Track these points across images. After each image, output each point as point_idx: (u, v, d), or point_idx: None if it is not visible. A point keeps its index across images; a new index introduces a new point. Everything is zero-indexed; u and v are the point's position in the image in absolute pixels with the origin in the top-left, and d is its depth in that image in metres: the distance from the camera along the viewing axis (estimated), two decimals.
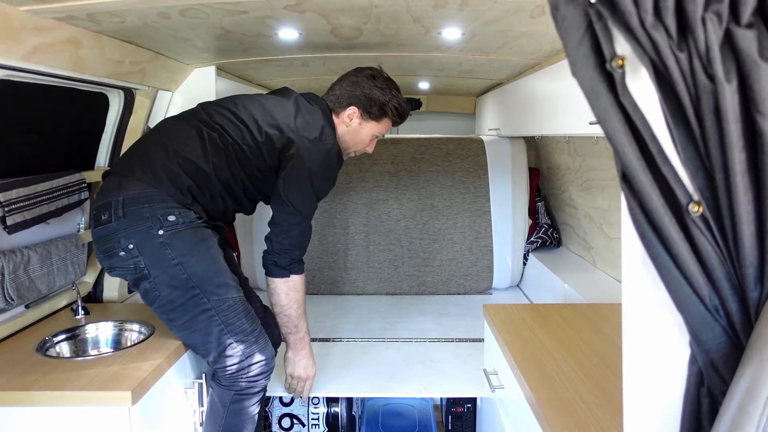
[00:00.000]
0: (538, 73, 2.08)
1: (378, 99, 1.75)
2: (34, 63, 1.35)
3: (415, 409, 2.29)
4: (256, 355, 1.59)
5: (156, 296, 1.52)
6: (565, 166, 2.78)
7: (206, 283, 1.52)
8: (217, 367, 1.59)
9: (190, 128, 1.62)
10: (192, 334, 1.56)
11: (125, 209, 1.49)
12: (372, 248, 2.85)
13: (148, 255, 1.50)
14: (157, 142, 1.62)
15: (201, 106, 1.73)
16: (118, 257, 1.51)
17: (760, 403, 0.55)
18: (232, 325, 1.55)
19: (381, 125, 1.82)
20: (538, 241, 2.96)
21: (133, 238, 1.49)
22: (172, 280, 1.50)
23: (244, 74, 2.53)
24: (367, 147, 1.87)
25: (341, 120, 1.78)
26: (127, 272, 1.53)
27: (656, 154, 0.58)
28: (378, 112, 1.77)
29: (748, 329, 0.61)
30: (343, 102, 1.76)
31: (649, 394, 0.69)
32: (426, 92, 3.50)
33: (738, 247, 0.59)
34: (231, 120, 1.66)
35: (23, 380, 1.37)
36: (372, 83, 1.76)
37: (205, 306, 1.52)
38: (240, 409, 1.61)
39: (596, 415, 1.13)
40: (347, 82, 1.78)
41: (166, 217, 1.50)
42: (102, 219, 1.52)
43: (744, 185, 0.55)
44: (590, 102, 0.59)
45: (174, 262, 1.50)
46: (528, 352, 1.45)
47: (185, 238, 1.52)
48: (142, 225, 1.49)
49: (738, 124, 0.53)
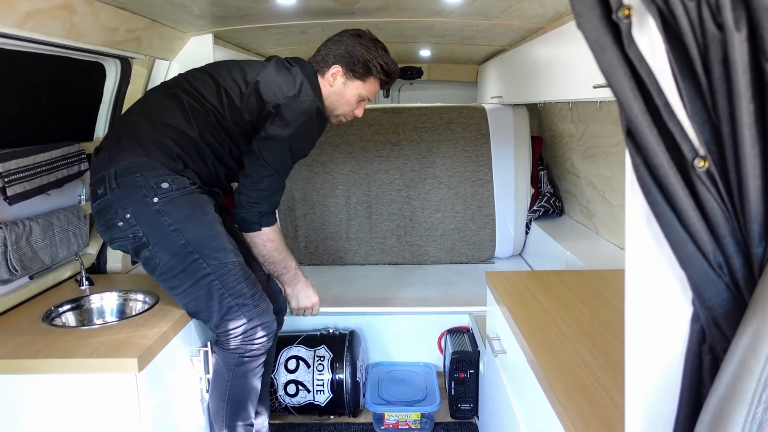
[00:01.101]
0: (541, 38, 2.04)
1: (362, 56, 1.71)
2: (27, 30, 1.32)
3: (419, 375, 2.32)
4: (258, 318, 1.61)
5: (156, 264, 1.54)
6: (568, 133, 2.76)
7: (205, 247, 1.53)
8: (219, 332, 1.62)
9: (171, 97, 1.62)
10: (194, 301, 1.58)
11: (118, 180, 1.51)
12: (374, 218, 2.84)
13: (146, 223, 1.51)
14: (141, 113, 1.63)
15: (181, 74, 1.72)
16: (117, 228, 1.53)
17: (761, 356, 0.55)
18: (233, 289, 1.56)
19: (367, 85, 1.76)
20: (541, 210, 2.95)
21: (129, 208, 1.51)
22: (171, 247, 1.52)
23: (242, 43, 2.49)
24: (356, 110, 1.82)
25: (326, 80, 1.74)
26: (127, 242, 1.55)
27: (662, 108, 0.57)
28: (362, 70, 1.72)
29: (752, 285, 0.61)
30: (328, 61, 1.73)
31: (650, 353, 0.70)
32: (427, 60, 3.44)
33: (743, 202, 0.58)
34: (209, 85, 1.65)
35: (30, 349, 1.38)
36: (356, 41, 1.72)
37: (205, 271, 1.54)
38: (245, 371, 1.64)
39: (598, 377, 1.14)
40: (331, 42, 1.75)
41: (160, 185, 1.51)
42: (98, 193, 1.54)
43: (751, 138, 0.54)
44: (595, 55, 0.57)
45: (171, 228, 1.51)
46: (530, 317, 1.46)
47: (180, 204, 1.52)
48: (136, 194, 1.50)
49: (747, 75, 0.52)
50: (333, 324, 2.33)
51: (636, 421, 0.71)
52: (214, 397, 1.70)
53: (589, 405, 1.04)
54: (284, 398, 2.12)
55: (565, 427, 1.03)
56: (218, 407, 1.69)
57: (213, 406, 1.71)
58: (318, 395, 2.11)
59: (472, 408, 2.11)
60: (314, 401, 2.12)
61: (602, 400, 1.06)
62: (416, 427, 2.11)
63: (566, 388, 1.11)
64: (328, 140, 2.84)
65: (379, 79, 1.77)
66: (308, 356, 2.13)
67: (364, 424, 2.17)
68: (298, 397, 2.12)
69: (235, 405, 1.67)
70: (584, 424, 0.99)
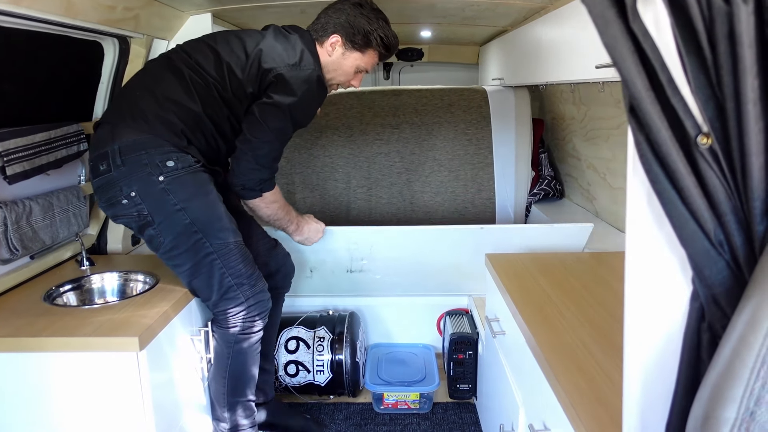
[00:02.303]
0: (543, 18, 2.02)
1: (363, 27, 1.68)
2: (23, 7, 1.31)
3: (418, 356, 2.34)
4: (254, 298, 1.64)
5: (160, 242, 1.55)
6: (570, 115, 2.74)
7: (208, 227, 1.54)
8: (218, 310, 1.64)
9: (173, 70, 1.59)
10: (196, 279, 1.59)
11: (123, 157, 1.49)
12: (374, 202, 2.84)
13: (151, 201, 1.51)
14: (143, 87, 1.60)
15: (179, 46, 1.68)
16: (121, 205, 1.52)
17: (761, 333, 0.55)
18: (233, 269, 1.58)
19: (366, 57, 1.73)
20: (541, 193, 2.95)
21: (134, 186, 1.50)
22: (175, 226, 1.52)
23: (240, 22, 2.46)
24: (352, 80, 1.79)
25: (324, 49, 1.71)
26: (131, 219, 1.55)
27: (666, 84, 0.56)
28: (362, 41, 1.69)
29: (752, 263, 0.61)
30: (328, 30, 1.69)
31: (649, 330, 0.70)
32: (428, 41, 3.41)
33: (746, 179, 0.57)
34: (209, 57, 1.62)
35: (31, 327, 1.39)
36: (358, 11, 1.68)
37: (207, 250, 1.55)
38: (243, 349, 1.67)
39: (596, 357, 1.15)
40: (332, 10, 1.70)
41: (165, 163, 1.50)
42: (101, 169, 1.52)
43: (755, 114, 0.53)
44: (599, 29, 0.56)
45: (176, 207, 1.51)
46: (529, 298, 1.47)
47: (186, 183, 1.52)
48: (141, 172, 1.49)
49: (753, 49, 0.51)
50: (333, 306, 2.34)
51: (634, 398, 0.72)
52: (214, 375, 1.71)
53: (587, 385, 1.05)
54: (284, 378, 2.14)
55: (563, 407, 1.04)
56: (219, 385, 1.71)
57: (214, 385, 1.73)
58: (318, 375, 2.13)
59: (470, 388, 2.13)
60: (314, 381, 2.14)
61: (600, 380, 1.07)
62: (415, 407, 2.13)
63: (565, 368, 1.11)
64: (328, 123, 2.83)
65: (378, 52, 1.74)
66: (308, 337, 2.15)
67: (364, 403, 2.19)
68: (298, 377, 2.14)
69: (235, 382, 1.70)
70: (582, 403, 1.00)
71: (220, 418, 1.74)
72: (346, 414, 2.13)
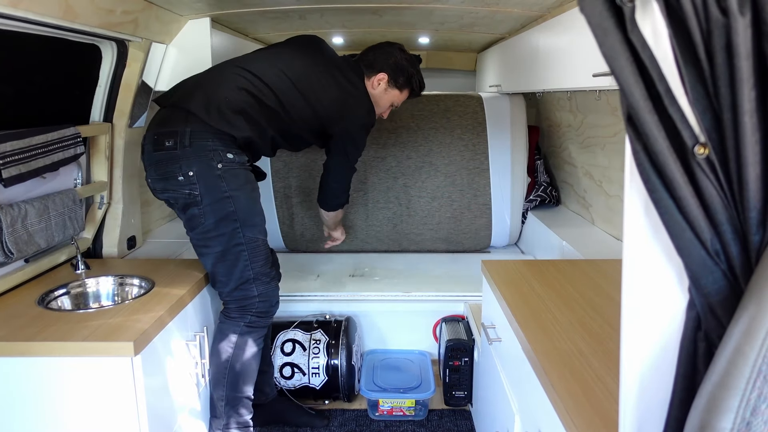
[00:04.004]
0: (540, 26, 2.03)
1: (407, 70, 1.98)
2: (21, 10, 1.30)
3: (414, 363, 2.33)
4: (268, 294, 1.77)
5: (201, 222, 1.66)
6: (566, 123, 2.75)
7: (247, 219, 1.69)
8: (230, 299, 1.75)
9: (259, 95, 1.73)
10: (220, 263, 1.71)
11: (192, 140, 1.62)
12: (371, 206, 2.84)
13: (205, 184, 1.64)
14: (225, 85, 1.71)
15: (273, 70, 1.79)
16: (175, 181, 1.64)
17: (756, 343, 0.55)
18: (256, 263, 1.72)
19: (401, 95, 2.03)
20: (537, 200, 2.96)
21: (194, 167, 1.63)
22: (220, 211, 1.65)
23: (239, 27, 2.47)
24: (384, 113, 2.07)
25: (370, 83, 1.97)
26: (180, 196, 1.66)
27: (664, 94, 0.57)
28: (403, 82, 1.99)
29: (748, 273, 0.61)
30: (375, 67, 1.97)
31: (645, 339, 0.70)
32: (426, 48, 3.42)
33: (742, 190, 0.58)
34: (297, 102, 1.80)
35: (25, 332, 1.38)
36: (402, 55, 1.99)
37: (239, 240, 1.68)
38: (246, 342, 1.77)
39: (592, 365, 1.15)
40: (381, 51, 1.99)
41: (226, 154, 1.65)
42: (166, 145, 1.64)
43: (752, 125, 0.54)
44: (597, 39, 0.57)
45: (226, 194, 1.65)
46: (525, 305, 1.47)
47: (238, 176, 1.67)
48: (204, 156, 1.63)
49: (749, 61, 0.51)
50: (329, 310, 2.34)
51: (630, 407, 0.72)
52: (216, 369, 1.77)
53: (583, 392, 1.05)
54: (280, 381, 2.14)
55: (559, 414, 1.04)
56: (219, 378, 1.77)
57: (214, 379, 1.79)
58: (313, 378, 2.12)
59: (466, 395, 2.13)
60: (309, 384, 2.13)
61: (596, 387, 1.07)
62: (410, 414, 2.12)
63: (561, 375, 1.11)
64: None
65: (411, 92, 2.05)
66: (304, 339, 2.14)
67: (359, 410, 2.19)
68: (293, 379, 2.13)
69: (236, 375, 1.77)
70: (578, 410, 1.00)
71: (218, 414, 1.78)
72: (341, 420, 2.12)
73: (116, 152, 2.11)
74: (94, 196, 2.12)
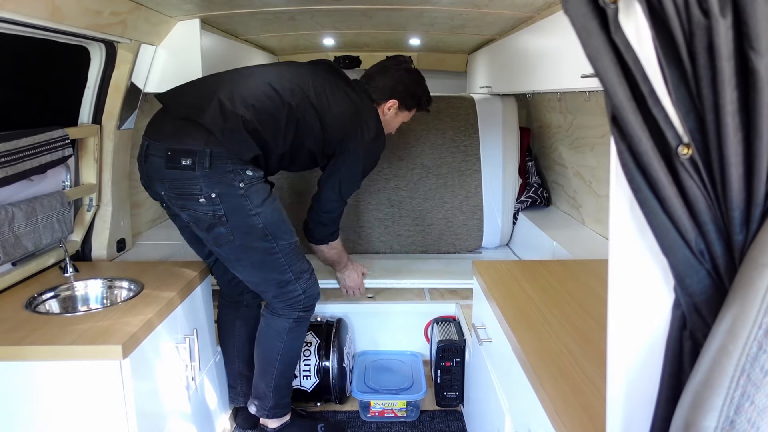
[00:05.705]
0: (530, 28, 2.04)
1: (416, 94, 2.03)
2: (8, 11, 1.29)
3: (405, 364, 2.33)
4: (310, 289, 1.84)
5: (229, 240, 1.69)
6: (556, 124, 2.77)
7: (277, 230, 1.72)
8: (276, 300, 1.82)
9: (279, 111, 1.72)
10: (258, 271, 1.77)
11: (212, 161, 1.60)
12: (362, 208, 2.84)
13: (229, 204, 1.64)
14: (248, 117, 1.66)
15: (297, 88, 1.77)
16: (197, 203, 1.64)
17: (740, 342, 0.56)
18: (294, 265, 1.78)
19: (411, 114, 2.09)
20: (528, 201, 2.97)
21: (216, 188, 1.62)
22: (250, 229, 1.68)
23: (229, 29, 2.46)
24: (393, 131, 2.12)
25: (381, 110, 2.00)
26: (203, 216, 1.66)
27: (647, 95, 0.57)
28: (413, 104, 2.05)
29: (732, 272, 0.62)
30: (385, 94, 1.99)
31: (632, 339, 0.70)
32: (416, 49, 3.43)
33: (725, 190, 0.58)
34: (313, 126, 1.79)
35: (13, 336, 1.37)
36: (410, 78, 2.01)
37: (274, 249, 1.73)
38: (296, 335, 1.87)
39: (581, 364, 1.16)
40: (390, 76, 1.99)
41: (246, 172, 1.66)
42: (182, 163, 1.60)
43: (734, 126, 0.54)
44: (582, 41, 0.57)
45: (252, 213, 1.66)
46: (516, 305, 1.47)
47: (260, 191, 1.69)
48: (225, 177, 1.62)
49: (731, 62, 0.52)
50: (320, 312, 2.33)
51: (617, 406, 0.72)
52: (263, 360, 1.87)
53: (572, 391, 1.06)
54: None
55: (548, 413, 1.04)
56: (267, 369, 1.87)
57: (261, 368, 1.88)
58: (305, 380, 2.12)
59: (457, 396, 2.13)
60: (300, 386, 2.12)
61: (585, 386, 1.07)
62: (402, 415, 2.12)
63: (550, 375, 1.12)
64: None
65: (421, 111, 2.10)
66: None
67: (350, 411, 2.18)
68: None
69: (285, 364, 1.88)
70: (567, 411, 1.00)
71: (263, 397, 1.89)
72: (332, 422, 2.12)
73: (105, 154, 2.10)
74: (83, 199, 2.10)
